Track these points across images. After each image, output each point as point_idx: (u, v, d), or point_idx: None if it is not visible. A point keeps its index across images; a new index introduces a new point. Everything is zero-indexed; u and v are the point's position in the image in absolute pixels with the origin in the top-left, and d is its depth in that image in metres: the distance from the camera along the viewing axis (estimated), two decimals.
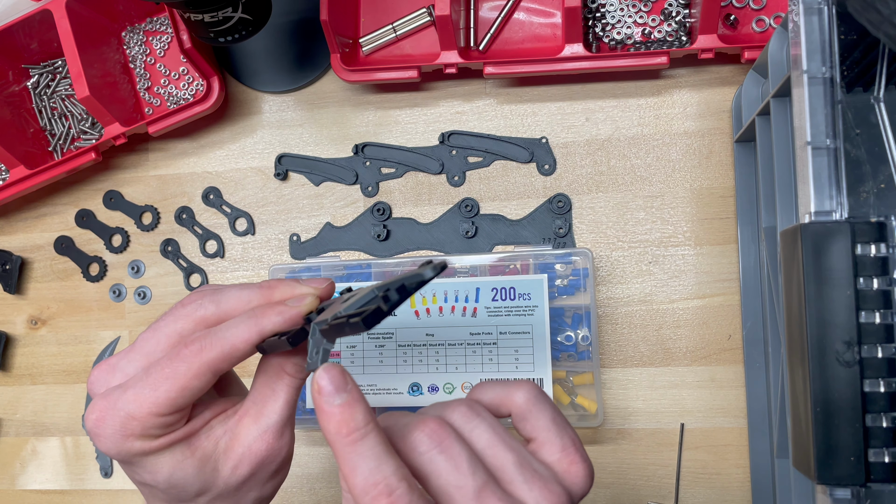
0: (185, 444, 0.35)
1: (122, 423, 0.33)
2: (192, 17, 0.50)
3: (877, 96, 0.40)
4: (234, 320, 0.35)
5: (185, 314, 0.35)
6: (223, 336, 0.34)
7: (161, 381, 0.33)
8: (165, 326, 0.35)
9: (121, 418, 0.33)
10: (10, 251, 0.68)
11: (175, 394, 0.33)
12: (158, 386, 0.33)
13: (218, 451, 0.35)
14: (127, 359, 0.35)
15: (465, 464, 0.30)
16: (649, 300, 0.58)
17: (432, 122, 0.63)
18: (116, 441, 0.33)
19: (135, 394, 0.33)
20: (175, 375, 0.33)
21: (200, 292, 0.36)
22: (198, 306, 0.35)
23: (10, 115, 0.65)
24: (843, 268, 0.34)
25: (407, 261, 0.58)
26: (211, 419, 0.36)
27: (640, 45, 0.59)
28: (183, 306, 0.35)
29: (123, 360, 0.35)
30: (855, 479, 0.34)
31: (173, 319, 0.35)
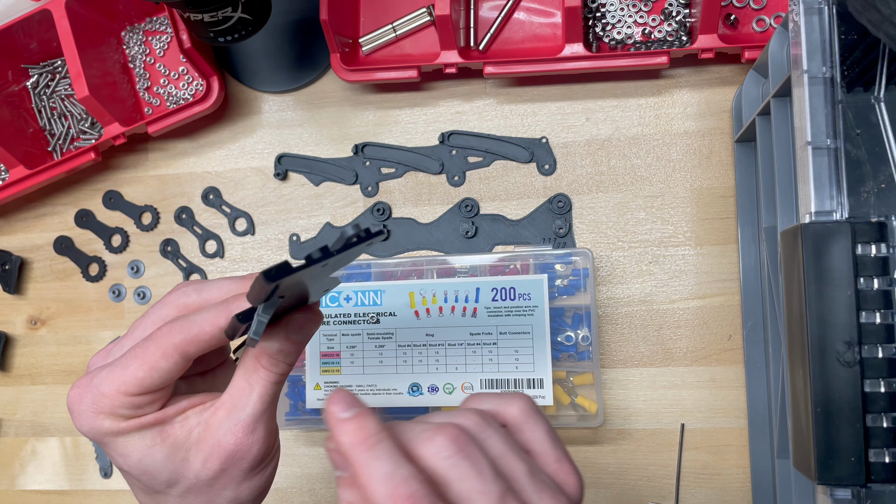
0: (157, 429, 0.35)
1: (94, 400, 0.34)
2: (192, 16, 0.50)
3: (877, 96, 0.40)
4: (208, 307, 0.35)
5: (171, 301, 0.36)
6: (193, 319, 0.34)
7: (131, 360, 0.34)
8: (153, 313, 0.36)
9: (93, 395, 0.34)
10: (9, 251, 0.68)
11: (143, 373, 0.33)
12: (128, 365, 0.34)
13: (190, 441, 0.35)
14: (120, 344, 0.36)
15: (488, 470, 0.30)
16: (649, 300, 0.58)
17: (432, 121, 0.63)
18: (88, 418, 0.34)
19: (108, 372, 0.34)
20: (144, 355, 0.34)
21: (187, 282, 0.37)
22: (182, 293, 0.36)
23: (9, 115, 0.65)
24: (844, 268, 0.34)
25: (407, 260, 0.58)
26: (187, 409, 0.36)
27: (641, 44, 0.59)
28: (170, 294, 0.36)
29: (117, 346, 0.36)
30: (855, 480, 0.34)
31: (160, 306, 0.36)
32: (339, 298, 0.57)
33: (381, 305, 0.56)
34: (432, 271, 0.58)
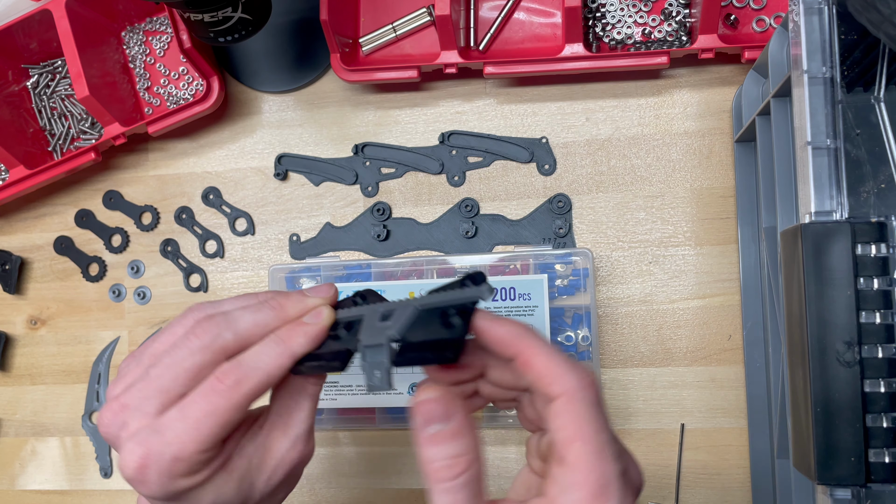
0: (225, 469, 0.35)
1: (169, 466, 0.33)
2: (192, 16, 0.50)
3: (877, 96, 0.40)
4: (260, 347, 0.35)
5: (203, 346, 0.34)
6: (256, 366, 0.34)
7: (203, 419, 0.33)
8: (183, 361, 0.34)
9: (167, 462, 0.33)
10: (9, 251, 0.68)
11: (218, 429, 0.33)
12: (200, 425, 0.33)
13: (251, 467, 0.36)
14: (141, 395, 0.34)
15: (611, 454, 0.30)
16: (649, 300, 0.58)
17: (432, 122, 0.63)
18: (164, 484, 0.33)
19: (176, 436, 0.33)
20: (216, 412, 0.33)
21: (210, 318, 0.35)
22: (216, 336, 0.34)
23: (9, 115, 0.65)
24: (844, 268, 0.34)
25: (407, 261, 0.58)
26: (239, 438, 0.36)
27: (640, 44, 0.59)
28: (197, 337, 0.34)
29: (137, 398, 0.34)
30: (855, 480, 0.34)
31: (189, 353, 0.34)
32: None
33: None
34: (432, 271, 0.58)
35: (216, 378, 0.34)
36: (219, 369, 0.34)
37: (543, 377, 0.30)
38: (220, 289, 0.64)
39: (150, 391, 0.34)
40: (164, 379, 0.34)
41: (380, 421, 0.57)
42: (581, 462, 0.29)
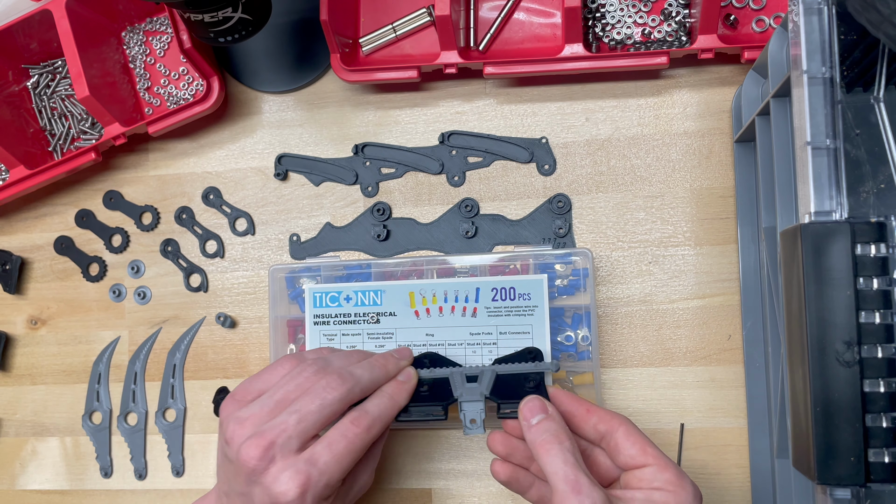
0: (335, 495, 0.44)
1: (322, 491, 0.41)
2: (192, 17, 0.50)
3: (877, 96, 0.40)
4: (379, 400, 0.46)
5: (340, 399, 0.44)
6: (379, 415, 0.45)
7: (345, 454, 0.42)
8: (323, 409, 0.43)
9: (321, 488, 0.41)
10: (10, 251, 0.68)
11: (352, 461, 0.43)
12: (343, 458, 0.42)
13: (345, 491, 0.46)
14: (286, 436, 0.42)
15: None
16: (649, 300, 0.58)
17: (432, 122, 0.63)
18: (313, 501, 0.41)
19: (327, 467, 0.42)
20: (353, 449, 0.43)
21: (340, 375, 0.45)
22: (349, 391, 0.44)
23: (10, 115, 0.65)
24: (843, 268, 0.35)
25: (407, 260, 0.58)
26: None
27: (640, 45, 0.59)
28: (335, 390, 0.44)
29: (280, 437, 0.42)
30: (855, 480, 0.34)
31: (329, 404, 0.43)
32: (340, 298, 0.57)
33: (381, 305, 0.56)
34: (432, 271, 0.58)
35: (352, 423, 0.44)
36: (350, 415, 0.44)
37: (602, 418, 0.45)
38: (221, 289, 0.64)
39: (293, 433, 0.42)
40: (306, 423, 0.42)
41: None
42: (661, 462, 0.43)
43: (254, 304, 0.64)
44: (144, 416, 0.64)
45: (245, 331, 0.64)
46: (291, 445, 0.41)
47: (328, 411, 0.43)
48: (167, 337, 0.65)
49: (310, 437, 0.42)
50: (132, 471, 0.64)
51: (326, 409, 0.43)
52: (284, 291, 0.59)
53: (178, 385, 0.64)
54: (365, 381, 0.46)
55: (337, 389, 0.44)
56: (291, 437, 0.42)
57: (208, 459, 0.63)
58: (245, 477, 0.42)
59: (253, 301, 0.64)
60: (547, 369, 0.50)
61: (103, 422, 0.65)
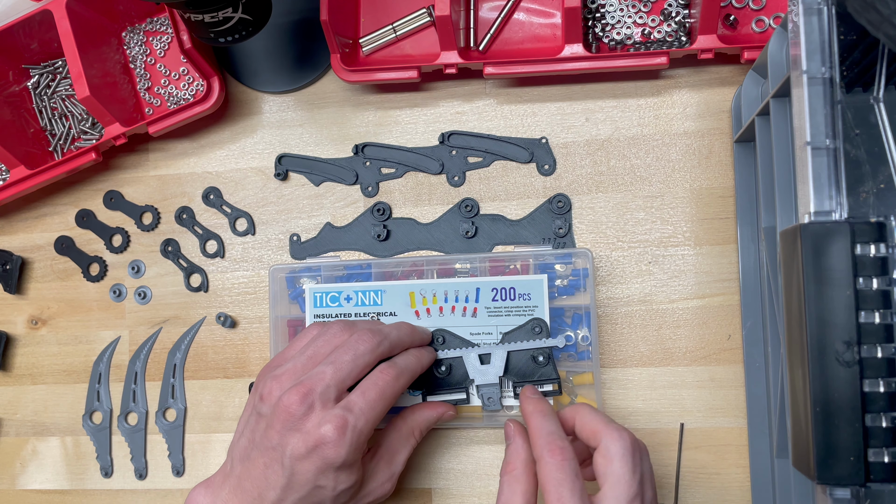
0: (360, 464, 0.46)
1: (357, 435, 0.43)
2: (193, 17, 0.50)
3: (876, 96, 0.40)
4: (406, 356, 0.49)
5: (371, 350, 0.46)
6: (406, 367, 0.48)
7: (377, 400, 0.45)
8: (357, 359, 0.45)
9: (357, 431, 0.43)
10: (10, 251, 0.68)
11: (384, 409, 0.45)
12: (376, 405, 0.45)
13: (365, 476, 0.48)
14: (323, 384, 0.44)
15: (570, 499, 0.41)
16: (649, 300, 0.58)
17: (432, 122, 0.63)
18: (350, 450, 0.43)
19: (362, 412, 0.44)
20: (384, 396, 0.45)
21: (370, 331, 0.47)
22: (378, 344, 0.47)
23: (10, 116, 0.65)
24: (843, 268, 0.35)
25: (407, 260, 0.58)
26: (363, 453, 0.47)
27: (640, 45, 0.59)
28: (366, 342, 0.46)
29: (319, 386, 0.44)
30: (855, 479, 0.34)
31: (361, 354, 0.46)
32: (340, 298, 0.57)
33: (382, 305, 0.56)
34: (432, 271, 0.58)
35: (382, 371, 0.46)
36: (381, 366, 0.47)
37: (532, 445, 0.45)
38: (221, 289, 0.64)
39: (331, 381, 0.44)
40: (341, 373, 0.45)
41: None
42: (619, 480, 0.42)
43: (254, 304, 0.64)
44: (145, 415, 0.64)
45: (245, 331, 0.64)
46: (329, 394, 0.44)
47: (362, 361, 0.45)
48: (167, 337, 0.65)
49: (345, 385, 0.45)
50: (132, 471, 0.64)
51: (360, 360, 0.45)
52: (285, 291, 0.59)
53: (179, 385, 0.64)
54: (393, 337, 0.48)
55: (368, 342, 0.46)
56: (329, 385, 0.44)
57: (209, 459, 0.63)
58: (282, 425, 0.43)
59: (253, 301, 0.64)
60: (554, 345, 0.53)
61: (104, 421, 0.65)
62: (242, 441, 0.47)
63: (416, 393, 0.55)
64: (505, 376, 0.54)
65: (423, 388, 0.54)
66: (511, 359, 0.54)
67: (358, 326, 0.48)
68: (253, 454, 0.45)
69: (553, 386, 0.53)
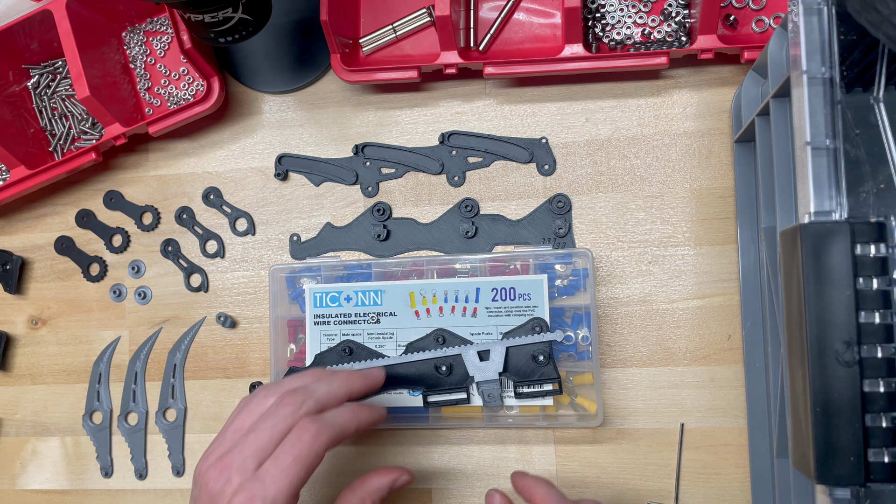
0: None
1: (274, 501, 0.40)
2: (193, 17, 0.50)
3: (876, 96, 0.40)
4: (337, 411, 0.44)
5: (291, 412, 0.43)
6: (333, 423, 0.43)
7: (292, 465, 0.41)
8: (275, 426, 0.42)
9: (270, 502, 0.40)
10: (10, 251, 0.68)
11: (303, 473, 0.41)
12: (290, 469, 0.41)
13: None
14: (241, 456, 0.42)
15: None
16: (649, 300, 0.58)
17: (432, 122, 0.63)
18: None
19: (273, 481, 0.40)
20: (301, 458, 0.41)
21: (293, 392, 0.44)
22: (300, 404, 0.43)
23: (10, 116, 0.65)
24: (843, 268, 0.35)
25: (407, 260, 0.58)
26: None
27: (640, 45, 0.59)
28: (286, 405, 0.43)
29: (237, 459, 0.42)
30: (854, 479, 0.34)
31: (280, 419, 0.42)
32: (340, 298, 0.57)
33: (382, 305, 0.56)
34: (432, 271, 0.58)
35: (299, 429, 0.42)
36: (300, 423, 0.42)
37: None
38: (221, 289, 0.64)
39: (249, 452, 0.42)
40: (260, 441, 0.42)
41: None
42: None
43: (254, 304, 0.64)
44: (145, 415, 0.64)
45: (245, 331, 0.64)
46: (247, 466, 0.41)
47: (279, 427, 0.42)
48: (167, 337, 0.65)
49: (265, 454, 0.42)
50: (132, 470, 0.64)
51: (279, 424, 0.42)
52: (285, 291, 0.59)
53: (179, 385, 0.64)
54: (320, 393, 0.45)
55: (289, 404, 0.43)
56: (247, 457, 0.42)
57: None
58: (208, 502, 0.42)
59: (253, 301, 0.64)
60: (553, 339, 0.53)
61: (104, 421, 0.65)
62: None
63: (416, 393, 0.55)
64: (505, 375, 0.53)
65: (423, 388, 0.54)
66: (511, 358, 0.53)
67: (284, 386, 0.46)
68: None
69: (553, 385, 0.53)
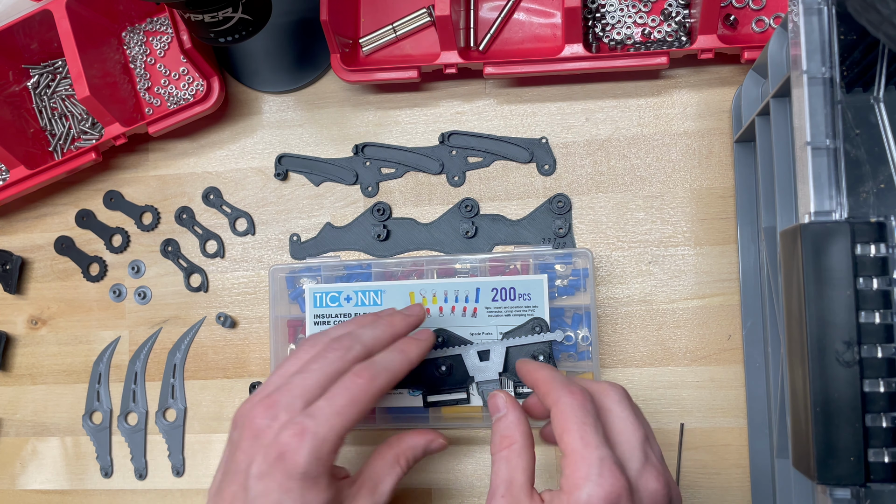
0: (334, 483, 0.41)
1: (319, 445, 0.39)
2: (193, 17, 0.50)
3: (876, 96, 0.40)
4: (387, 353, 0.44)
5: (339, 357, 0.43)
6: (385, 367, 0.43)
7: (347, 406, 0.40)
8: (323, 368, 0.42)
9: (319, 440, 0.39)
10: (10, 251, 0.68)
11: (356, 416, 0.41)
12: (344, 411, 0.40)
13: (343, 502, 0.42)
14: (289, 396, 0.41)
15: (594, 436, 0.37)
16: (649, 300, 0.58)
17: (432, 122, 0.63)
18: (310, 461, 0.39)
19: (326, 419, 0.40)
20: (355, 401, 0.41)
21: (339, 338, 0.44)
22: (348, 349, 0.43)
23: (10, 116, 0.65)
24: (843, 268, 0.35)
25: (407, 260, 0.58)
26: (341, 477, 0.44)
27: (640, 45, 0.59)
28: (333, 350, 0.43)
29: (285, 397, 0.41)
30: (855, 479, 0.34)
31: (329, 363, 0.42)
32: (340, 298, 0.57)
33: (382, 305, 0.56)
34: (432, 271, 0.58)
35: (355, 374, 0.42)
36: (355, 368, 0.42)
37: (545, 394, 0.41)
38: (221, 289, 0.64)
39: (297, 392, 0.41)
40: (307, 382, 0.41)
41: (380, 420, 0.57)
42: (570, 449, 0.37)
43: (254, 304, 0.64)
44: (145, 415, 0.64)
45: (245, 331, 0.64)
46: (294, 405, 0.41)
47: (330, 368, 0.42)
48: (167, 337, 0.65)
49: (313, 395, 0.42)
50: (132, 471, 0.64)
51: (328, 367, 0.42)
52: (285, 291, 0.59)
53: (179, 385, 0.64)
54: (367, 338, 0.45)
55: (336, 349, 0.43)
56: (294, 397, 0.41)
57: (209, 459, 0.63)
58: (249, 443, 0.41)
59: (253, 301, 0.64)
60: (553, 339, 0.53)
61: (104, 422, 0.65)
62: (217, 476, 0.43)
63: (416, 393, 0.55)
64: (505, 374, 0.54)
65: (423, 388, 0.54)
66: (511, 358, 0.54)
67: (328, 333, 0.46)
68: (223, 485, 0.41)
69: None
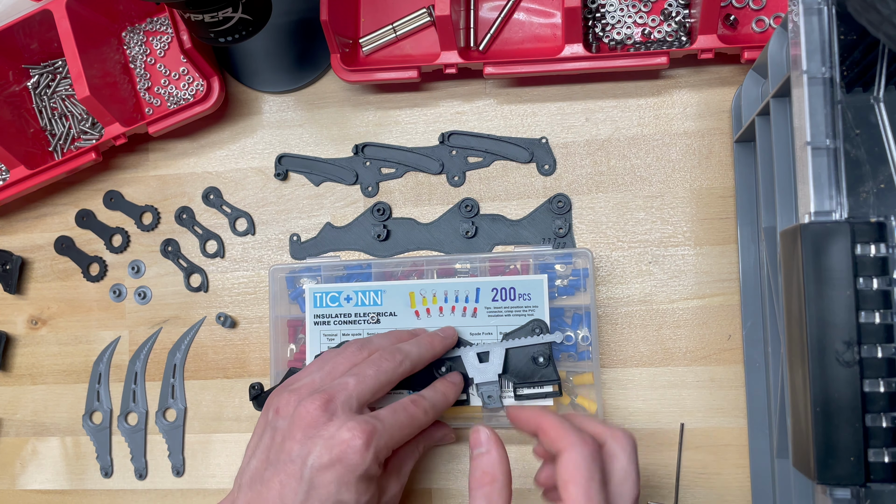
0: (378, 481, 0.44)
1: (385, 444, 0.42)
2: (192, 17, 0.50)
3: (876, 96, 0.40)
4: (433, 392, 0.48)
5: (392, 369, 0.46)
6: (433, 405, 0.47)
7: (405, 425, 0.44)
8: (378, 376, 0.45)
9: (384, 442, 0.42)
10: (10, 251, 0.68)
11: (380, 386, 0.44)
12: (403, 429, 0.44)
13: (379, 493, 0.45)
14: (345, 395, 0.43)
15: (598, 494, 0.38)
16: (649, 300, 0.58)
17: (432, 122, 0.63)
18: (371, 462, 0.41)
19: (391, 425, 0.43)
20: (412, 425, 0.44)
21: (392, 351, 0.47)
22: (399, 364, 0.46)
23: (10, 116, 0.65)
24: (843, 268, 0.35)
25: (407, 260, 0.58)
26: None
27: (640, 45, 0.59)
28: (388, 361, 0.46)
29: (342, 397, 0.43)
30: (855, 479, 0.34)
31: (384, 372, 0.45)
32: (340, 298, 0.57)
33: (382, 305, 0.56)
34: (432, 271, 0.58)
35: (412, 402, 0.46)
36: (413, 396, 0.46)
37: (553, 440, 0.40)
38: (221, 289, 0.64)
39: (353, 393, 0.43)
40: (363, 387, 0.44)
41: None
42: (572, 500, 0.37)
43: (254, 304, 0.64)
44: (145, 415, 0.64)
45: (245, 331, 0.64)
46: (352, 404, 0.42)
47: (384, 378, 0.44)
48: (167, 337, 0.65)
49: (367, 400, 0.43)
50: (132, 471, 0.64)
51: (383, 376, 0.44)
52: (285, 291, 0.59)
53: (179, 385, 0.64)
54: (414, 356, 0.47)
55: (390, 360, 0.45)
56: (352, 395, 0.43)
57: (209, 459, 0.63)
58: (303, 434, 0.41)
59: (253, 301, 0.64)
60: (553, 340, 0.53)
61: (104, 422, 0.65)
62: (254, 463, 0.43)
63: None
64: (505, 376, 0.53)
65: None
66: (511, 359, 0.53)
67: (374, 343, 0.48)
68: (267, 474, 0.41)
69: (553, 387, 0.53)
